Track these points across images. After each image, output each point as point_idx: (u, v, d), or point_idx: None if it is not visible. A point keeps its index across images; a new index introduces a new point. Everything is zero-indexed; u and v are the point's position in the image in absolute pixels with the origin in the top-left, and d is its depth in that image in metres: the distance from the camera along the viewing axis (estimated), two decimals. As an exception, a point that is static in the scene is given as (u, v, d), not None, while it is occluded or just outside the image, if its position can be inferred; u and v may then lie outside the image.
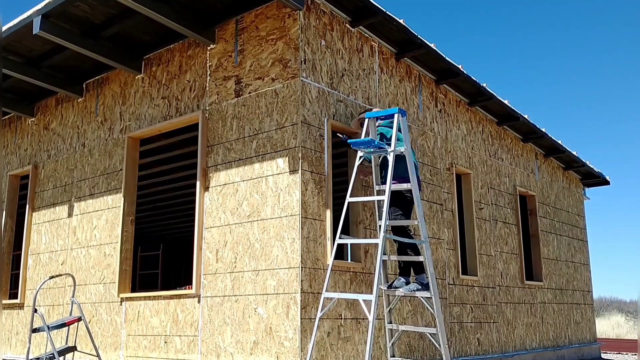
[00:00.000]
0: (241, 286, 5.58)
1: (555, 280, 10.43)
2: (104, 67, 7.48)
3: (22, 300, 8.17)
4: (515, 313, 8.90)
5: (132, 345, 6.51)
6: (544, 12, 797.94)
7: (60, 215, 7.90)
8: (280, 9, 5.76)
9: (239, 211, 5.75)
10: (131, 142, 7.19)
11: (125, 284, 6.86)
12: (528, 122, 9.46)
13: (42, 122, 8.68)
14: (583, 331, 11.33)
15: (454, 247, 7.57)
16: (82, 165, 7.74)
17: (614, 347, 16.36)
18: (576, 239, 11.69)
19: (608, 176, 12.66)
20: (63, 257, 7.72)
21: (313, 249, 5.32)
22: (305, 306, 5.14)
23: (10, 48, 7.07)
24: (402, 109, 5.73)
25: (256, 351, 5.33)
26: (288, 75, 5.61)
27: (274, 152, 5.57)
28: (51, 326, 5.64)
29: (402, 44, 6.95)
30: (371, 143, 5.23)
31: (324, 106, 5.76)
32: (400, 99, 7.08)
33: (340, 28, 6.19)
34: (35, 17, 6.13)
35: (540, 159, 10.83)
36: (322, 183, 5.57)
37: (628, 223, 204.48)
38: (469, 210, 8.31)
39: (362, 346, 5.69)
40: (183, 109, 6.58)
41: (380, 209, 5.48)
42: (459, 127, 8.33)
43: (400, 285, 5.52)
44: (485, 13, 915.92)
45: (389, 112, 5.43)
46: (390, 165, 5.14)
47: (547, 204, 10.66)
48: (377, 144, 5.26)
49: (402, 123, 5.32)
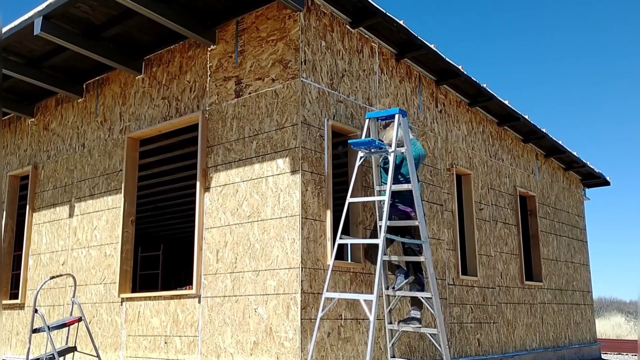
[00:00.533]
0: (241, 286, 5.59)
1: (555, 280, 10.44)
2: (104, 68, 7.49)
3: (23, 300, 8.18)
4: (515, 313, 8.91)
5: (133, 345, 6.51)
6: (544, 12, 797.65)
7: (60, 216, 7.91)
8: (281, 10, 5.77)
9: (239, 212, 5.76)
10: (131, 142, 7.20)
11: (126, 284, 6.87)
12: (528, 122, 9.46)
13: (42, 122, 8.69)
14: (583, 332, 11.33)
15: (454, 248, 7.58)
16: (82, 165, 7.75)
17: (614, 347, 16.37)
18: (576, 239, 11.69)
19: (608, 177, 12.67)
20: (64, 257, 7.72)
21: (313, 250, 5.33)
22: (306, 306, 5.14)
23: (11, 49, 7.08)
24: (403, 109, 5.75)
25: (256, 351, 5.33)
26: (288, 75, 5.62)
27: (274, 152, 5.57)
28: (51, 326, 5.64)
29: (402, 45, 6.96)
30: (372, 143, 5.25)
31: (324, 107, 5.77)
32: (400, 99, 7.08)
33: (340, 29, 6.20)
34: (37, 18, 6.14)
35: (540, 160, 10.84)
36: (322, 183, 5.57)
37: (628, 223, 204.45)
38: (469, 210, 8.32)
39: (363, 346, 5.69)
40: (183, 110, 6.59)
41: (380, 209, 5.49)
42: (459, 127, 8.33)
43: (401, 280, 5.53)
44: (485, 13, 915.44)
45: (389, 112, 5.46)
46: (391, 166, 5.16)
47: (547, 205, 10.67)
48: (377, 144, 5.27)
49: (403, 123, 5.34)
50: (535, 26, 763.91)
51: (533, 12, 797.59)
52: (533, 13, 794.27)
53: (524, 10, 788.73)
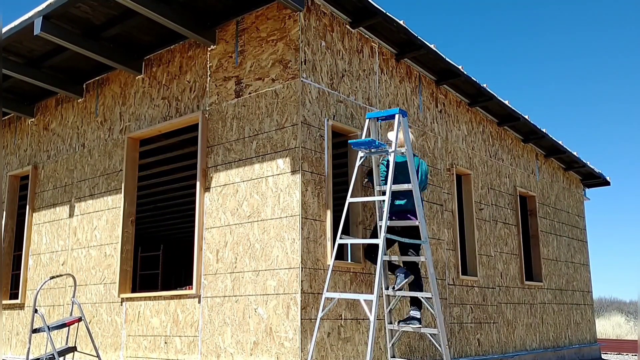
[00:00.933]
0: (241, 286, 5.59)
1: (555, 280, 10.44)
2: (104, 68, 7.49)
3: (23, 300, 8.18)
4: (515, 313, 8.91)
5: (132, 345, 6.51)
6: (544, 13, 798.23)
7: (60, 216, 7.91)
8: (281, 10, 5.77)
9: (239, 212, 5.76)
10: (131, 142, 7.20)
11: (126, 284, 6.87)
12: (528, 122, 9.46)
13: (41, 122, 8.69)
14: (583, 332, 11.33)
15: (454, 248, 7.58)
16: (82, 165, 7.75)
17: (614, 347, 16.36)
18: (576, 239, 11.69)
19: (608, 177, 12.67)
20: (64, 257, 7.72)
21: (313, 250, 5.33)
22: (306, 306, 5.14)
23: (11, 49, 7.08)
24: (403, 109, 5.75)
25: (256, 352, 5.33)
26: (288, 75, 5.62)
27: (274, 152, 5.57)
28: (51, 326, 5.64)
29: (402, 45, 6.96)
30: (372, 143, 5.25)
31: (324, 107, 5.77)
32: (400, 99, 7.08)
33: (340, 29, 6.20)
34: (37, 18, 6.14)
35: (540, 160, 10.84)
36: (322, 183, 5.57)
37: (628, 223, 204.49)
38: (469, 210, 8.32)
39: (363, 346, 5.69)
40: (183, 110, 6.59)
41: (380, 209, 5.49)
42: (459, 127, 8.33)
43: (401, 280, 5.53)
44: (485, 13, 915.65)
45: (389, 112, 5.47)
46: (391, 166, 5.16)
47: (547, 205, 10.67)
48: (377, 144, 5.28)
49: (403, 123, 5.35)
50: (535, 26, 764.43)
51: (533, 12, 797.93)
52: (533, 13, 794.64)
53: (524, 10, 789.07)
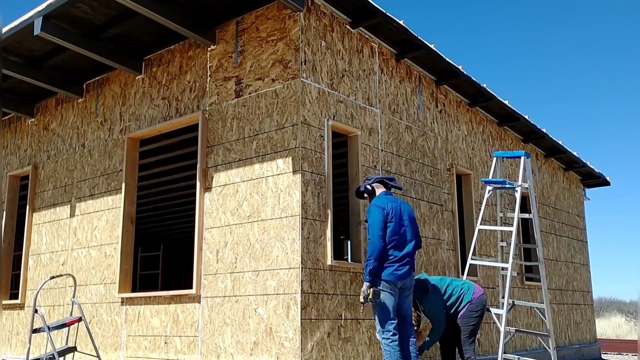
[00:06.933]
0: (241, 287, 5.59)
1: (555, 280, 10.43)
2: (104, 68, 7.49)
3: (23, 300, 8.18)
4: (515, 313, 8.90)
5: (133, 345, 6.51)
6: (545, 12, 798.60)
7: (60, 216, 7.91)
8: (281, 10, 5.77)
9: (239, 212, 5.76)
10: (131, 142, 7.20)
11: (126, 284, 6.87)
12: (528, 122, 9.47)
13: (42, 122, 8.69)
14: (583, 332, 11.33)
15: (454, 248, 7.58)
16: (82, 165, 7.75)
17: (614, 347, 16.35)
18: (576, 239, 11.69)
19: (608, 177, 12.67)
20: (64, 257, 7.72)
21: (313, 250, 5.33)
22: (306, 307, 5.14)
23: (11, 49, 7.08)
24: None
25: (256, 352, 5.33)
26: (288, 76, 5.62)
27: (274, 152, 5.58)
28: (51, 327, 5.64)
29: (402, 45, 6.96)
30: (503, 183, 6.56)
31: (324, 107, 5.77)
32: (400, 99, 7.09)
33: (340, 29, 6.20)
34: (37, 18, 6.13)
35: (540, 160, 10.84)
36: (322, 183, 5.58)
37: (628, 223, 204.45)
38: (469, 210, 8.32)
39: (363, 346, 5.70)
40: (183, 110, 6.59)
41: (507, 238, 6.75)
42: (459, 127, 8.34)
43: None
44: (485, 13, 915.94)
45: (516, 154, 6.77)
46: (518, 201, 6.31)
47: (547, 205, 10.66)
48: (507, 183, 6.54)
49: (527, 165, 6.44)
50: (535, 26, 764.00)
51: (533, 12, 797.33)
52: (533, 13, 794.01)
53: (524, 11, 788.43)
